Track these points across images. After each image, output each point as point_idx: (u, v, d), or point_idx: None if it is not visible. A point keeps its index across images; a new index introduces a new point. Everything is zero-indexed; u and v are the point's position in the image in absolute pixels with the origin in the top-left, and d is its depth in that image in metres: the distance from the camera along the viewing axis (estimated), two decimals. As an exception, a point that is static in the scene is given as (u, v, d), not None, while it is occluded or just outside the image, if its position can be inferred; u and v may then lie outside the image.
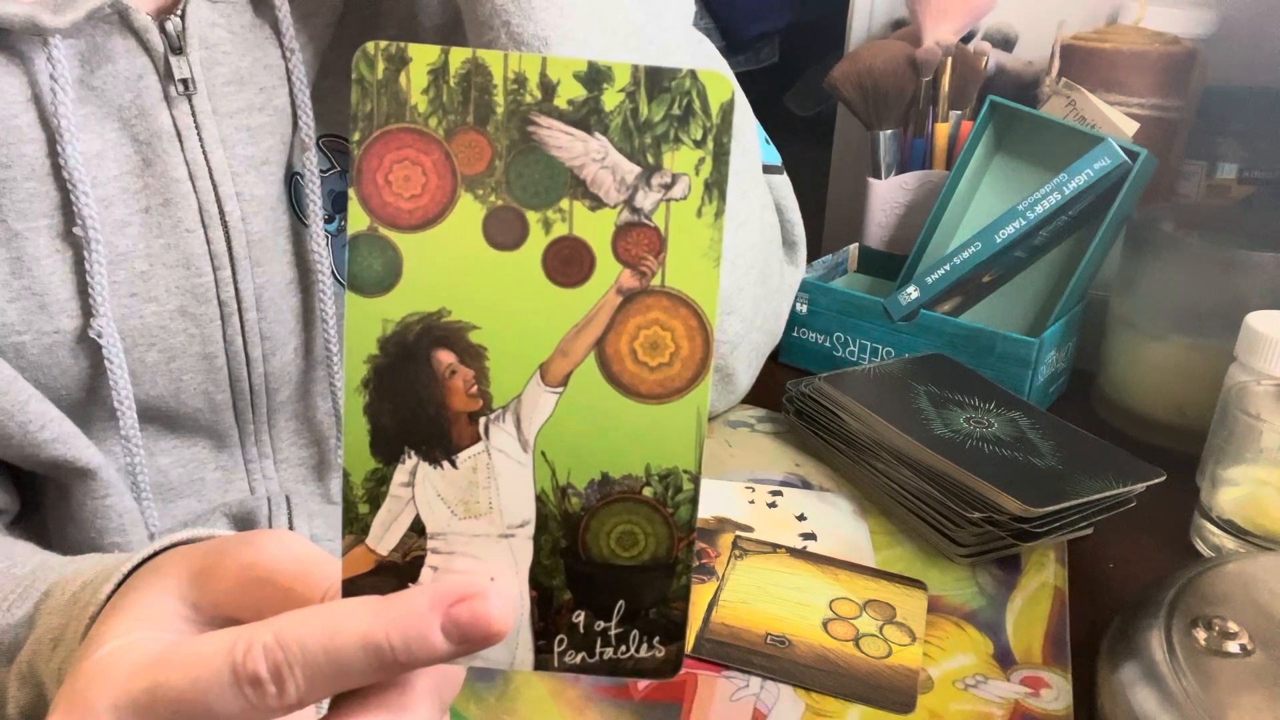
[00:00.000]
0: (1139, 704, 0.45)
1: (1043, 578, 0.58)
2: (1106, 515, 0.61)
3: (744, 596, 0.54)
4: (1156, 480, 0.60)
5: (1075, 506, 0.58)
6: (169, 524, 0.56)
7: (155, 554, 0.36)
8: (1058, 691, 0.50)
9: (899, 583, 0.57)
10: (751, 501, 0.63)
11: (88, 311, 0.49)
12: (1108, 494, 0.59)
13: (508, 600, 0.28)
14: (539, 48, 0.49)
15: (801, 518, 0.62)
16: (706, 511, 0.61)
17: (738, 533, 0.60)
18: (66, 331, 0.49)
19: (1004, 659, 0.52)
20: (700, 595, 0.54)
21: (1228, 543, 0.60)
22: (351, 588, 0.29)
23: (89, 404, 0.52)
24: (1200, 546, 0.62)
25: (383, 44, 0.26)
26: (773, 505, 0.63)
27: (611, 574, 0.30)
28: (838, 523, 0.62)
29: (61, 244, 0.49)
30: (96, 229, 0.48)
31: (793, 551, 0.58)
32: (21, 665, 0.38)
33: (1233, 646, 0.46)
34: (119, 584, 0.35)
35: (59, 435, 0.50)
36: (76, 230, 0.48)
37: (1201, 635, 0.46)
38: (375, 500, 0.29)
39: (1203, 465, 0.65)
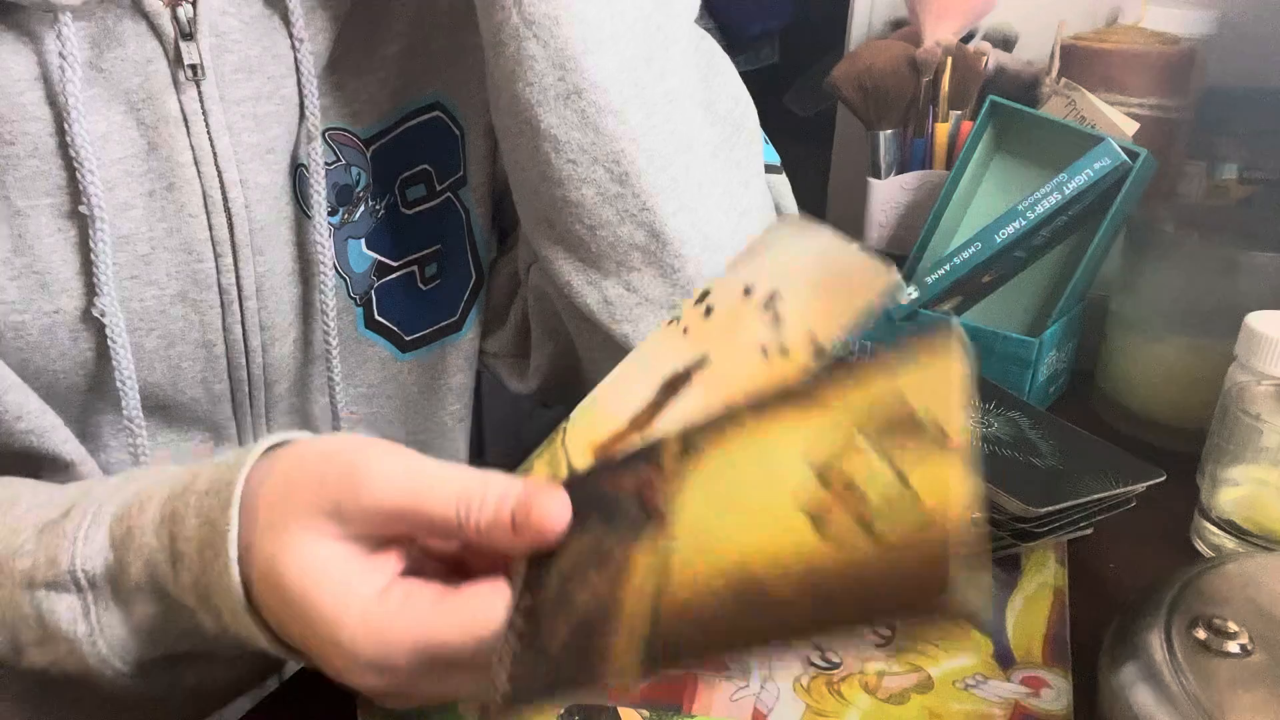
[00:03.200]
0: (1139, 704, 0.44)
1: (1043, 578, 0.58)
2: (1106, 515, 0.61)
3: (703, 543, 0.33)
4: (1156, 480, 0.60)
5: (1075, 506, 0.58)
6: None
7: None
8: (1058, 691, 0.50)
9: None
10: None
11: (89, 292, 0.49)
12: (1108, 494, 0.58)
13: None
14: (550, 27, 0.48)
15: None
16: (610, 423, 0.42)
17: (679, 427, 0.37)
18: (67, 311, 0.49)
19: (1004, 659, 0.52)
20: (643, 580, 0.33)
21: (1228, 543, 0.60)
22: None
23: (89, 390, 0.52)
24: (1200, 546, 0.62)
25: None
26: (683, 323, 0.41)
27: None
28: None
29: (64, 223, 0.49)
30: (102, 207, 0.48)
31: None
32: (134, 580, 0.40)
33: (1233, 646, 0.46)
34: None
35: (35, 428, 0.50)
36: (82, 208, 0.48)
37: (1201, 635, 0.46)
38: None
39: (1203, 465, 0.65)
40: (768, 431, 0.35)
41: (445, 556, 0.40)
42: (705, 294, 0.44)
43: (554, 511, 0.36)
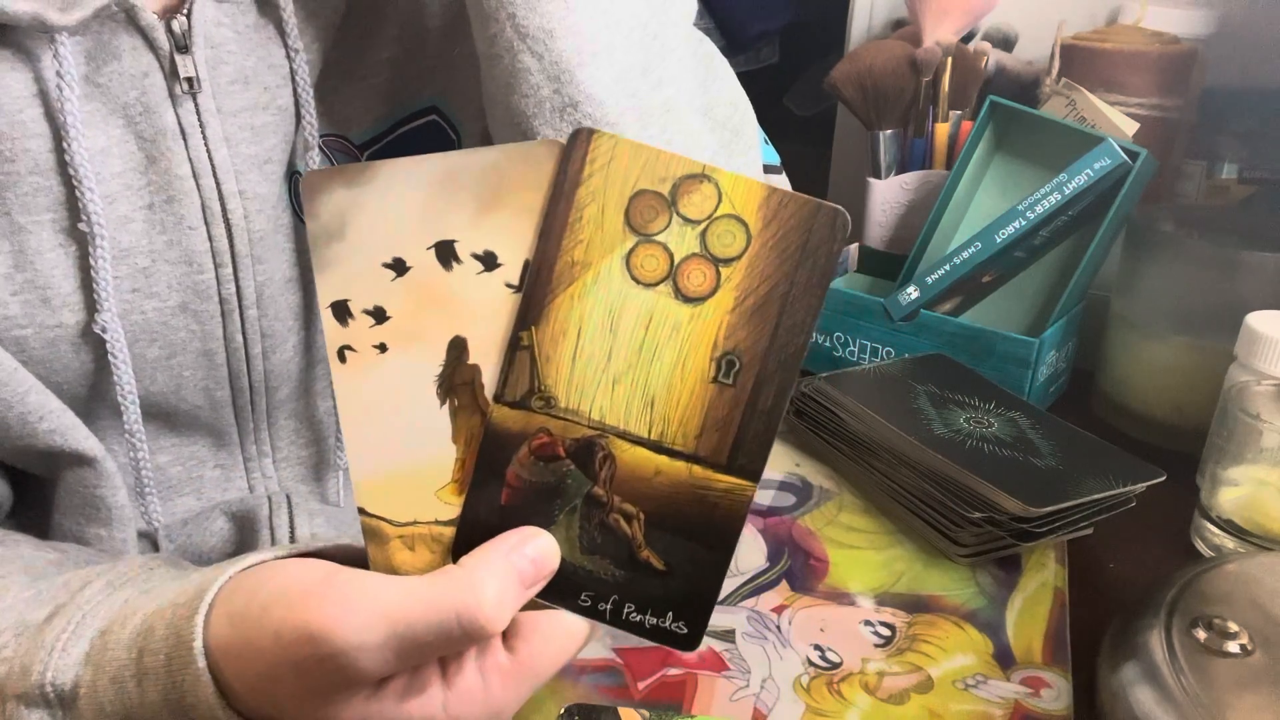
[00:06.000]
0: (1139, 704, 0.45)
1: (1043, 578, 0.58)
2: (1106, 515, 0.61)
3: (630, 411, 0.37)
4: (1156, 480, 0.60)
5: (1075, 506, 0.58)
6: (167, 521, 0.56)
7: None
8: (1058, 691, 0.50)
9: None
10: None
11: (90, 306, 0.50)
12: (1108, 494, 0.59)
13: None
14: (544, 40, 0.48)
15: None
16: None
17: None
18: (69, 326, 0.50)
19: (1004, 659, 0.52)
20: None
21: (1228, 543, 0.60)
22: None
23: (90, 400, 0.52)
24: (1200, 546, 0.62)
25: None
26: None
27: None
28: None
29: (65, 239, 0.49)
30: (101, 224, 0.48)
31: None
32: (100, 700, 0.39)
33: (1233, 646, 0.46)
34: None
35: (57, 427, 0.50)
36: (81, 226, 0.48)
37: (1201, 635, 0.46)
38: None
39: (1203, 465, 0.65)
40: (580, 300, 0.36)
41: None
42: (345, 312, 0.37)
43: (549, 549, 0.38)
